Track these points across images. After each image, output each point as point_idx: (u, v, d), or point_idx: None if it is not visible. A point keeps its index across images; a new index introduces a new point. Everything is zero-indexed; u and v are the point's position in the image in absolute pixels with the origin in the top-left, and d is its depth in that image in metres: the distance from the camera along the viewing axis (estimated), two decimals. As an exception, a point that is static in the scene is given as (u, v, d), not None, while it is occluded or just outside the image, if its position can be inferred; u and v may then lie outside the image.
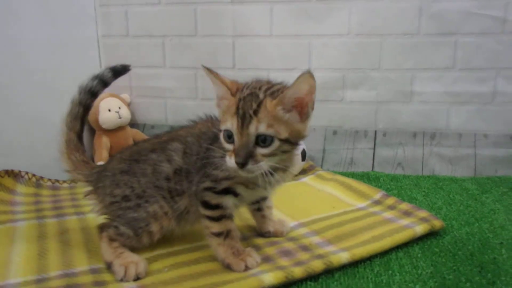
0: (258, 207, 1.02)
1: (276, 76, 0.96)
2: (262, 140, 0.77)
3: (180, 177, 0.91)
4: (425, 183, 1.45)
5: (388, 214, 1.12)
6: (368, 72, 1.61)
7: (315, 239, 0.99)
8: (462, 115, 1.59)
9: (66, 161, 1.01)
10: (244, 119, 0.77)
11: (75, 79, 1.65)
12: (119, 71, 1.05)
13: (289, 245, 0.96)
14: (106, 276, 0.84)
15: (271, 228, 1.02)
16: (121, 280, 0.82)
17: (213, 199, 0.87)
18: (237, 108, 0.78)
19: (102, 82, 1.03)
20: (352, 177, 1.49)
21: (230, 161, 0.78)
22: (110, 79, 1.04)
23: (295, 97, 0.78)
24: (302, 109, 0.80)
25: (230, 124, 0.78)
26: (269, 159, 0.79)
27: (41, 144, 1.43)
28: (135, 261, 0.85)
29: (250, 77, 0.91)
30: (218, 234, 0.88)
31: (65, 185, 1.45)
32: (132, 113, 1.76)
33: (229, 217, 0.89)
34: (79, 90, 1.02)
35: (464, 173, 1.54)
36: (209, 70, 0.83)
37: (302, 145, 1.45)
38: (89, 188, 0.99)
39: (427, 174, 1.55)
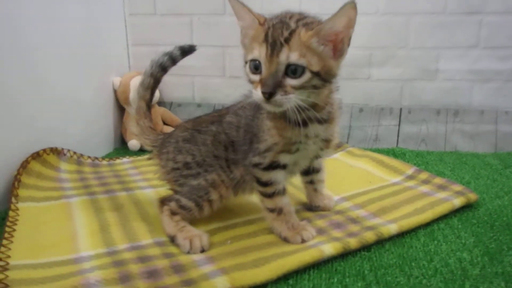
0: (311, 179, 1.05)
1: None
2: (293, 70, 0.73)
3: (234, 148, 0.94)
4: (449, 159, 1.49)
5: (424, 188, 1.17)
6: (395, 50, 1.62)
7: (361, 212, 1.03)
8: (484, 93, 1.62)
9: (135, 126, 1.07)
10: (274, 46, 0.72)
11: (103, 58, 1.69)
12: (187, 50, 1.09)
13: (338, 218, 1.00)
14: (173, 249, 0.87)
15: (320, 202, 1.06)
16: (188, 252, 0.85)
17: (263, 175, 0.88)
18: (266, 36, 0.73)
19: (171, 59, 1.07)
20: (379, 153, 1.53)
21: (257, 92, 0.74)
22: (179, 57, 1.08)
23: (334, 31, 0.74)
24: (337, 44, 0.76)
25: (258, 52, 0.74)
26: (299, 92, 0.74)
27: (74, 123, 1.45)
28: (198, 235, 0.87)
29: None
30: (271, 210, 0.90)
31: (104, 162, 1.47)
32: (160, 92, 1.77)
33: (281, 193, 0.90)
34: (151, 63, 1.06)
35: (485, 149, 1.59)
36: (239, 2, 0.78)
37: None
38: (154, 153, 1.04)
39: (449, 150, 1.60)
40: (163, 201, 0.95)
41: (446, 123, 1.64)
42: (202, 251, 0.85)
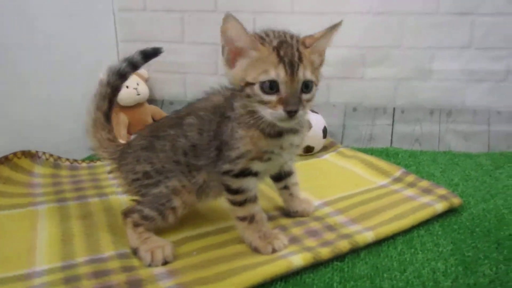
0: (285, 184, 1.03)
1: None
2: (306, 86, 0.78)
3: (197, 153, 0.89)
4: (442, 159, 1.47)
5: (409, 192, 1.16)
6: (389, 50, 1.60)
7: (340, 218, 1.02)
8: (477, 93, 1.60)
9: (91, 139, 1.00)
10: (292, 66, 0.76)
11: (90, 55, 1.64)
12: (149, 54, 1.01)
13: (315, 225, 0.99)
14: (135, 262, 0.83)
15: (298, 207, 1.04)
16: (149, 265, 0.81)
17: (234, 183, 0.86)
18: (280, 57, 0.76)
19: (131, 65, 1.00)
20: (372, 153, 1.52)
21: (276, 112, 0.76)
22: (140, 62, 1.01)
23: (323, 47, 0.83)
24: (322, 55, 0.85)
25: (275, 73, 0.76)
26: (307, 105, 0.81)
27: (57, 123, 1.41)
28: (161, 245, 0.84)
29: None
30: (242, 219, 0.87)
31: (84, 164, 1.42)
32: (150, 89, 1.76)
33: (253, 200, 0.87)
34: (108, 71, 0.99)
35: (478, 149, 1.56)
36: (236, 19, 0.79)
37: (323, 122, 1.48)
38: (113, 166, 0.98)
39: (443, 150, 1.58)
40: (126, 213, 0.91)
41: (439, 123, 1.61)
42: (165, 263, 0.82)
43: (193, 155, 0.90)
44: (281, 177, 1.03)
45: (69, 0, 1.45)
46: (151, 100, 1.79)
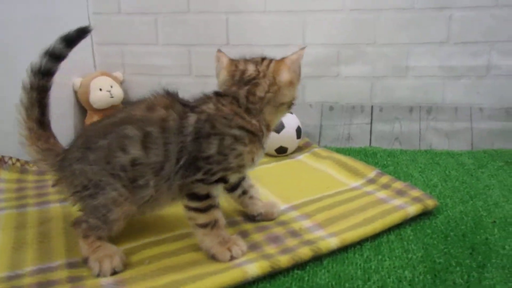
0: (242, 190, 0.97)
1: (270, 52, 0.92)
2: None
3: (142, 170, 0.80)
4: (422, 158, 1.39)
5: (381, 194, 1.08)
6: (363, 48, 1.52)
7: (306, 223, 0.95)
8: (457, 89, 1.52)
9: (29, 152, 0.90)
10: None
11: (68, 58, 1.61)
12: (72, 38, 0.88)
13: (278, 230, 0.92)
14: (84, 271, 0.78)
15: (261, 209, 0.97)
16: (98, 275, 0.76)
17: (204, 189, 0.81)
18: None
19: (53, 57, 0.88)
20: (350, 153, 1.45)
21: None
22: (64, 50, 0.88)
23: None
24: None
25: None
26: None
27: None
28: (110, 254, 0.78)
29: (244, 53, 0.87)
30: (205, 225, 0.81)
31: None
32: (126, 92, 1.70)
33: (216, 206, 0.83)
34: (28, 73, 0.87)
35: (461, 147, 1.48)
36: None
37: (296, 122, 1.40)
38: (56, 178, 0.88)
39: (424, 149, 1.49)
40: (75, 224, 0.84)
41: (419, 121, 1.53)
42: (114, 273, 0.77)
43: (135, 173, 0.80)
44: (237, 185, 0.96)
45: (45, 4, 1.41)
46: (126, 103, 1.73)
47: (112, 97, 1.60)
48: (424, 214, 0.99)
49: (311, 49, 1.55)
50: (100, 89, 1.57)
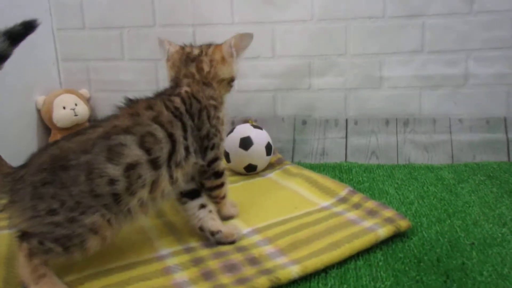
0: (202, 203, 0.92)
1: (241, 66, 1.00)
2: None
3: (141, 171, 0.77)
4: (400, 173, 1.30)
5: (351, 214, 0.99)
6: (335, 58, 1.45)
7: (267, 249, 0.85)
8: (434, 100, 1.44)
9: None
10: None
11: (29, 75, 1.50)
12: (18, 34, 0.78)
13: (236, 257, 0.83)
14: None
15: (222, 227, 0.90)
16: None
17: (220, 165, 0.94)
18: None
19: None
20: (324, 169, 1.36)
21: None
22: (8, 49, 0.77)
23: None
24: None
25: None
26: None
27: None
28: None
29: None
30: (224, 196, 0.98)
31: None
32: (93, 109, 1.61)
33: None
34: None
35: (441, 160, 1.39)
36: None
37: (266, 138, 1.31)
38: (5, 202, 0.75)
39: (402, 163, 1.41)
40: (23, 236, 0.73)
41: (396, 133, 1.45)
42: None
43: (131, 179, 0.76)
44: (195, 193, 0.92)
45: (6, 19, 1.33)
46: (94, 120, 1.64)
47: (76, 115, 1.51)
48: (397, 236, 0.90)
49: (281, 61, 1.50)
50: (64, 107, 1.50)
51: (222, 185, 0.96)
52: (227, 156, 1.30)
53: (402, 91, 1.45)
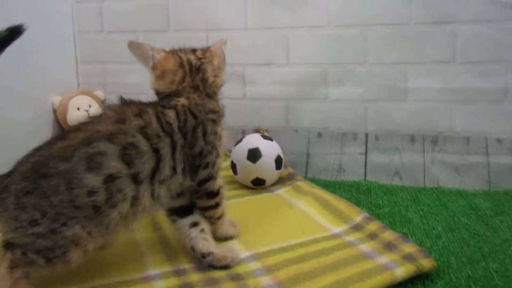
0: (194, 221, 0.83)
1: (254, 72, 0.96)
2: None
3: (120, 185, 0.70)
4: (426, 198, 1.14)
5: (365, 246, 0.84)
6: (352, 67, 1.32)
7: (264, 281, 0.73)
8: (467, 116, 1.26)
9: None
10: None
11: (48, 77, 1.53)
12: (3, 39, 0.78)
13: (228, 287, 0.71)
14: None
15: (214, 249, 0.80)
16: None
17: (215, 184, 0.84)
18: None
19: None
20: (340, 187, 1.22)
21: None
22: None
23: None
24: None
25: None
26: None
27: (6, 143, 1.27)
28: None
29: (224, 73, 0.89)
30: (220, 216, 0.88)
31: None
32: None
33: (223, 195, 0.88)
34: None
35: (475, 185, 1.21)
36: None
37: (276, 150, 1.19)
38: None
39: (430, 186, 1.24)
40: (7, 246, 0.69)
41: (423, 152, 1.28)
42: None
43: (111, 191, 0.69)
44: (186, 210, 0.84)
45: (31, 25, 1.37)
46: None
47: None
48: (418, 278, 0.75)
49: (295, 68, 1.38)
50: (78, 109, 1.51)
51: (216, 205, 0.85)
52: (234, 167, 1.19)
53: (430, 105, 1.28)
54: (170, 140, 0.76)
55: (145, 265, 0.80)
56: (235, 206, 1.08)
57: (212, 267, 0.78)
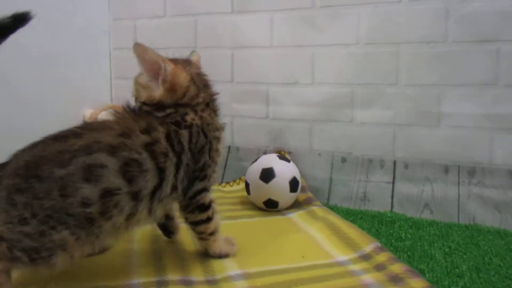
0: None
1: (276, 92, 0.95)
2: None
3: (119, 200, 0.70)
4: (457, 235, 1.04)
5: (368, 277, 0.78)
6: (383, 88, 1.26)
7: (246, 301, 0.70)
8: (510, 145, 1.14)
9: None
10: None
11: (83, 88, 1.66)
12: (6, 27, 0.75)
13: None
14: None
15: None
16: None
17: (207, 197, 0.84)
18: None
19: None
20: (362, 217, 1.16)
21: None
22: None
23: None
24: None
25: None
26: None
27: None
28: None
29: (248, 91, 0.92)
30: (213, 232, 0.86)
31: None
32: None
33: (215, 210, 0.87)
34: None
35: (518, 226, 1.09)
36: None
37: (292, 172, 1.18)
38: None
39: (464, 223, 1.13)
40: None
41: (458, 184, 1.17)
42: None
43: (106, 205, 0.70)
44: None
45: (71, 38, 1.53)
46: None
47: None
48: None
49: (320, 88, 1.36)
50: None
51: (208, 219, 0.84)
52: (247, 186, 1.19)
53: (467, 132, 1.18)
54: (177, 159, 0.77)
55: (130, 274, 0.80)
56: (242, 226, 1.07)
57: None
